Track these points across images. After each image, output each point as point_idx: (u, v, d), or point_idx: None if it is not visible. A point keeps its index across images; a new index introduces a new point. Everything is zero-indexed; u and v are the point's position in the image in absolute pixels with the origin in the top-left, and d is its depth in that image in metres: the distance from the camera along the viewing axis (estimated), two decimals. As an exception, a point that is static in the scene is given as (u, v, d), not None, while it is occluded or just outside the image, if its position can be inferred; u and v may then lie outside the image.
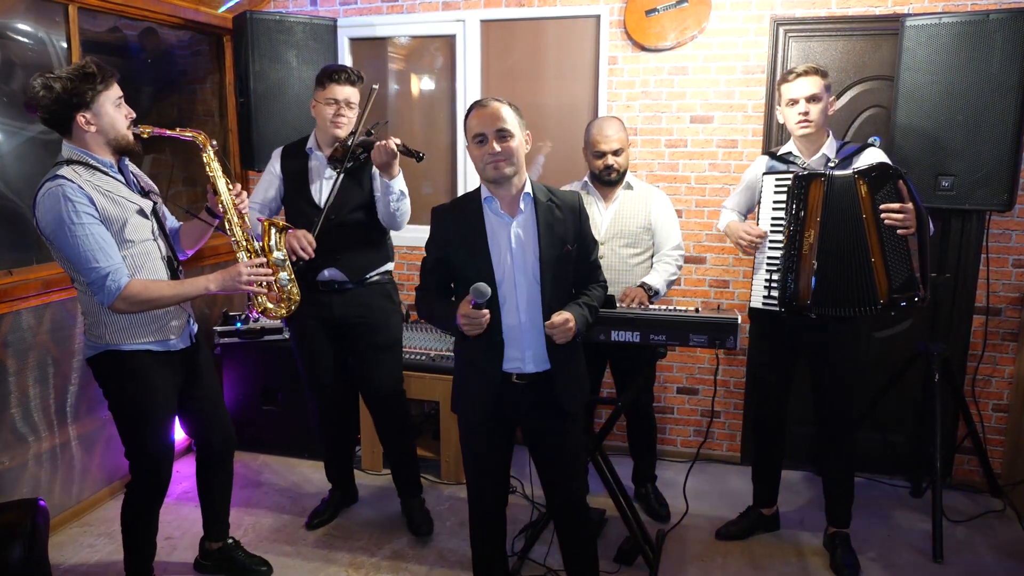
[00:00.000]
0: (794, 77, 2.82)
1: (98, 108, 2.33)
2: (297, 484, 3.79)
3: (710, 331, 2.67)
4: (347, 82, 2.97)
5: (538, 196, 2.29)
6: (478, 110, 2.22)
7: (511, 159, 2.19)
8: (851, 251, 2.71)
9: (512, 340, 2.29)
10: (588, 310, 2.36)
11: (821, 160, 2.87)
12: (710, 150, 3.78)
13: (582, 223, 2.37)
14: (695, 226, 3.85)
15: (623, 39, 3.76)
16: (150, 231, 2.50)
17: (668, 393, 4.05)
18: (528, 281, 2.26)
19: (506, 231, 2.26)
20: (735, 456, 4.03)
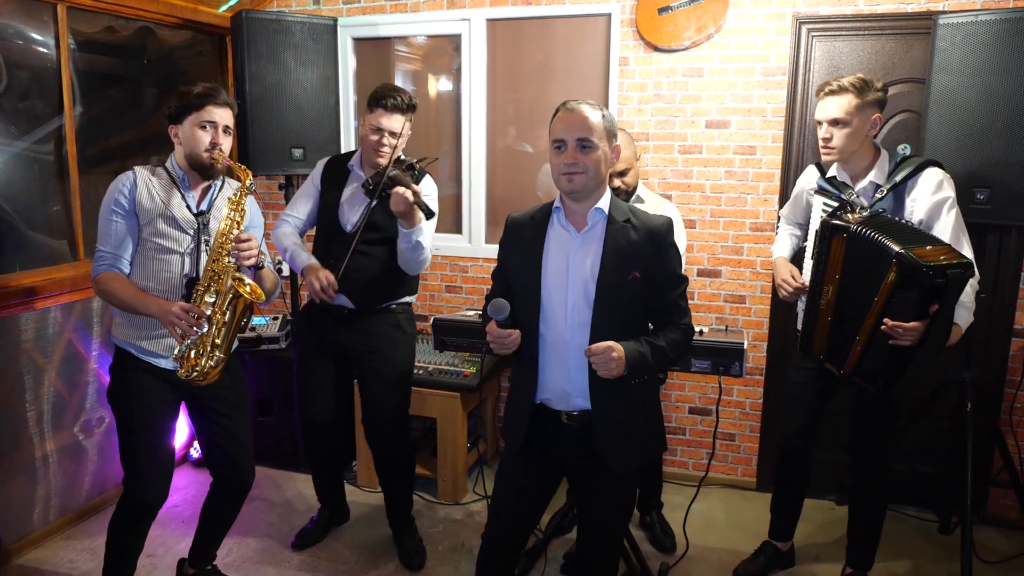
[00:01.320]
0: (822, 95, 2.53)
1: (185, 125, 2.42)
2: (289, 500, 3.66)
3: (713, 356, 2.48)
4: (395, 110, 2.77)
5: (613, 214, 2.04)
6: (564, 113, 2.00)
7: (588, 172, 1.97)
8: (851, 316, 2.43)
9: (556, 365, 2.04)
10: (649, 348, 1.99)
11: (869, 188, 2.54)
12: (727, 157, 3.55)
13: (663, 253, 2.04)
14: (709, 237, 3.63)
15: (635, 39, 3.56)
16: (184, 246, 2.45)
17: (679, 413, 3.84)
18: (580, 303, 2.01)
19: (567, 245, 2.05)
20: (750, 481, 3.80)
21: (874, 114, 2.49)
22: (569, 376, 2.03)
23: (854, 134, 2.48)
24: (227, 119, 2.46)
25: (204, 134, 2.40)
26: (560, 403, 2.06)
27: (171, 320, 2.30)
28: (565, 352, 2.02)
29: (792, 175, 3.46)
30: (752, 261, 3.60)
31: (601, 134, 1.98)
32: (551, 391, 2.06)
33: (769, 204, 3.52)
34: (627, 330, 2.01)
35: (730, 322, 3.68)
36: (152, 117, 4.12)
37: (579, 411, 2.05)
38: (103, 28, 3.61)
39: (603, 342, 1.91)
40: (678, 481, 3.83)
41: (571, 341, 2.01)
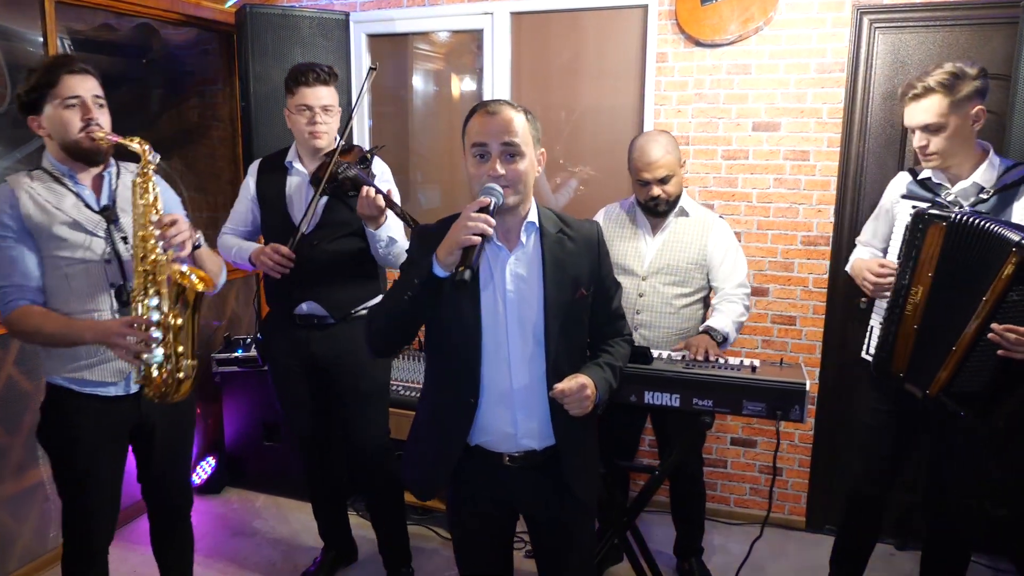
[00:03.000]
0: (908, 99, 2.18)
1: (47, 111, 2.04)
2: (294, 534, 3.39)
3: (770, 398, 2.13)
4: (318, 82, 2.54)
5: (545, 226, 1.82)
6: (483, 115, 1.73)
7: (516, 185, 1.71)
8: (946, 322, 2.09)
9: (500, 408, 1.80)
10: (611, 372, 1.88)
11: (971, 190, 2.20)
12: (776, 163, 3.20)
13: (601, 261, 1.89)
14: (756, 252, 3.27)
15: (674, 32, 3.22)
16: (98, 250, 2.10)
17: (721, 444, 3.49)
18: (526, 333, 1.78)
19: (501, 267, 1.78)
20: (799, 520, 3.44)
21: (974, 107, 2.13)
22: (514, 418, 1.80)
23: (954, 135, 2.14)
24: (93, 88, 2.07)
25: (71, 113, 2.04)
26: (502, 445, 1.83)
27: (115, 342, 1.98)
28: (508, 391, 1.78)
29: (851, 183, 3.10)
30: (804, 278, 3.24)
31: (528, 139, 1.73)
32: (491, 433, 1.82)
33: (823, 215, 3.16)
34: (580, 353, 1.87)
35: (778, 345, 3.32)
36: (158, 120, 3.89)
37: (524, 452, 1.83)
38: (99, 26, 3.37)
39: (571, 379, 1.74)
40: (721, 519, 3.48)
41: (516, 378, 1.78)
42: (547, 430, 1.82)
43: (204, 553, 3.20)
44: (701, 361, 2.33)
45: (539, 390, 1.78)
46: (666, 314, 2.69)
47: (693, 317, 2.73)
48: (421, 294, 1.66)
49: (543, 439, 1.83)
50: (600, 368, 1.85)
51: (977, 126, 2.16)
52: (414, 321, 1.76)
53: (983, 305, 1.98)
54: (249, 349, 3.65)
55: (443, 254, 1.60)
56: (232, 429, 3.75)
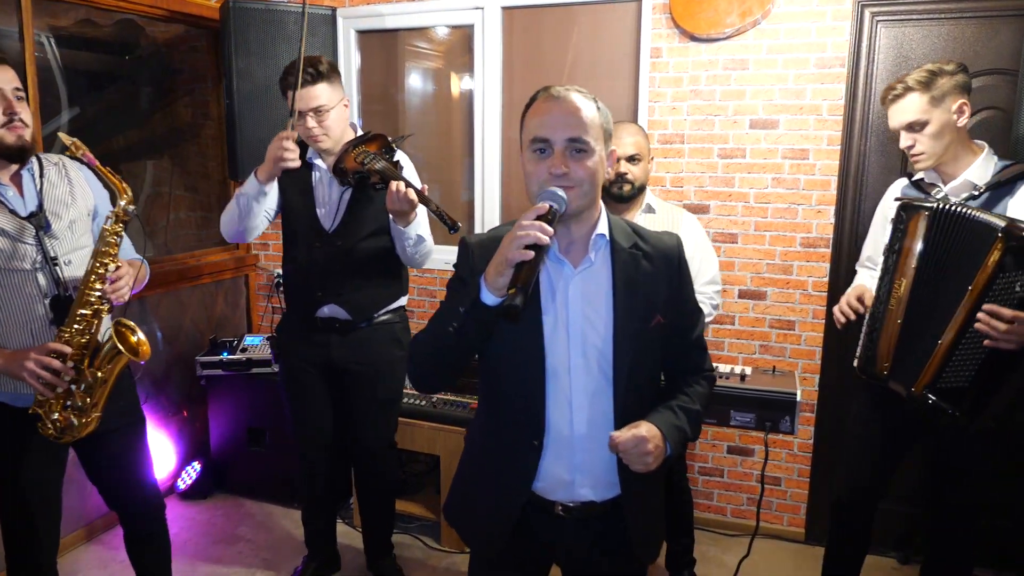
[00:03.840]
0: (889, 103, 2.15)
1: None
2: (278, 541, 3.30)
3: (759, 408, 2.03)
4: (309, 82, 2.39)
5: (617, 239, 1.54)
6: (546, 102, 1.46)
7: (583, 186, 1.43)
8: (930, 314, 2.02)
9: (559, 452, 1.54)
10: (686, 418, 1.56)
11: (963, 187, 2.14)
12: (774, 161, 3.08)
13: (683, 282, 1.60)
14: (753, 254, 3.16)
15: (669, 26, 3.11)
16: (28, 258, 1.99)
17: (717, 453, 3.38)
18: (591, 365, 1.51)
19: (564, 287, 1.51)
20: (798, 532, 3.32)
21: (956, 101, 2.09)
22: (572, 464, 1.54)
23: (939, 132, 2.09)
24: (11, 79, 1.93)
25: None
26: (557, 492, 1.57)
27: (25, 379, 1.89)
28: (568, 432, 1.52)
29: (851, 182, 2.98)
30: (803, 281, 3.12)
31: (598, 133, 1.46)
32: (547, 479, 1.56)
33: (824, 216, 3.05)
34: (653, 392, 1.59)
35: (776, 351, 3.21)
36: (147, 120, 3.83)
37: (581, 503, 1.57)
38: (80, 22, 3.30)
39: (630, 430, 1.43)
40: (716, 529, 3.37)
41: (578, 417, 1.52)
42: (611, 478, 1.55)
43: (185, 560, 3.13)
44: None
45: (604, 432, 1.49)
46: None
47: None
48: (468, 325, 1.40)
49: (604, 490, 1.57)
50: (672, 413, 1.54)
51: (961, 121, 2.10)
52: (463, 356, 1.49)
53: (969, 295, 1.91)
54: (235, 352, 3.57)
55: (492, 275, 1.34)
56: (217, 433, 3.68)
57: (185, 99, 3.98)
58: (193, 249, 3.94)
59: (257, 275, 4.14)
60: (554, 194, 1.38)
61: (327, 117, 2.44)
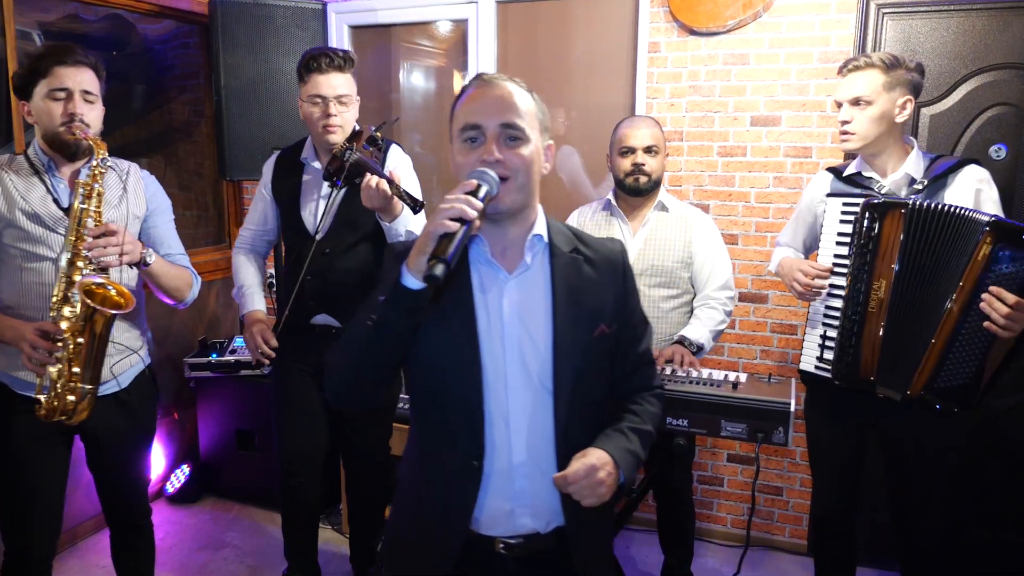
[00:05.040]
0: (845, 71, 2.15)
1: (35, 99, 1.99)
2: (265, 548, 3.23)
3: (751, 419, 1.93)
4: (333, 68, 2.31)
5: (556, 242, 1.42)
6: (479, 88, 1.35)
7: (517, 177, 1.31)
8: (918, 314, 1.97)
9: (498, 477, 1.37)
10: (639, 440, 1.42)
11: (902, 180, 2.13)
12: (776, 160, 2.98)
13: (628, 291, 1.48)
14: (754, 255, 3.06)
15: (667, 20, 3.01)
16: (57, 247, 2.00)
17: (717, 461, 3.27)
18: (531, 379, 1.37)
19: (498, 294, 1.38)
20: (800, 544, 3.21)
21: (903, 96, 2.10)
22: (513, 490, 1.37)
23: (879, 118, 2.09)
24: (85, 83, 1.98)
25: (56, 105, 1.95)
26: (497, 526, 1.40)
27: (22, 348, 1.88)
28: (507, 454, 1.36)
29: (856, 182, 2.87)
30: (805, 284, 3.01)
31: (534, 122, 1.35)
32: (486, 509, 1.39)
33: (827, 217, 2.94)
34: (599, 411, 1.44)
35: (778, 356, 3.10)
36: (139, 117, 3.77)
37: (523, 536, 1.40)
38: (66, 16, 3.24)
39: (582, 460, 1.30)
40: (715, 540, 3.27)
41: (516, 438, 1.36)
42: (554, 507, 1.40)
43: (169, 566, 3.07)
44: (680, 376, 2.13)
45: (547, 456, 1.37)
46: (654, 319, 2.48)
47: (682, 321, 2.55)
48: (389, 315, 1.25)
49: (549, 518, 1.41)
50: (623, 436, 1.40)
51: (901, 117, 2.11)
52: (387, 354, 1.32)
53: (960, 291, 1.88)
54: (224, 353, 3.51)
55: (414, 256, 1.21)
56: (207, 436, 3.61)
57: (178, 97, 3.92)
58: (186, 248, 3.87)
59: (250, 275, 4.07)
60: (483, 173, 1.26)
61: (348, 109, 2.38)
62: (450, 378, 1.37)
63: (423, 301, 1.24)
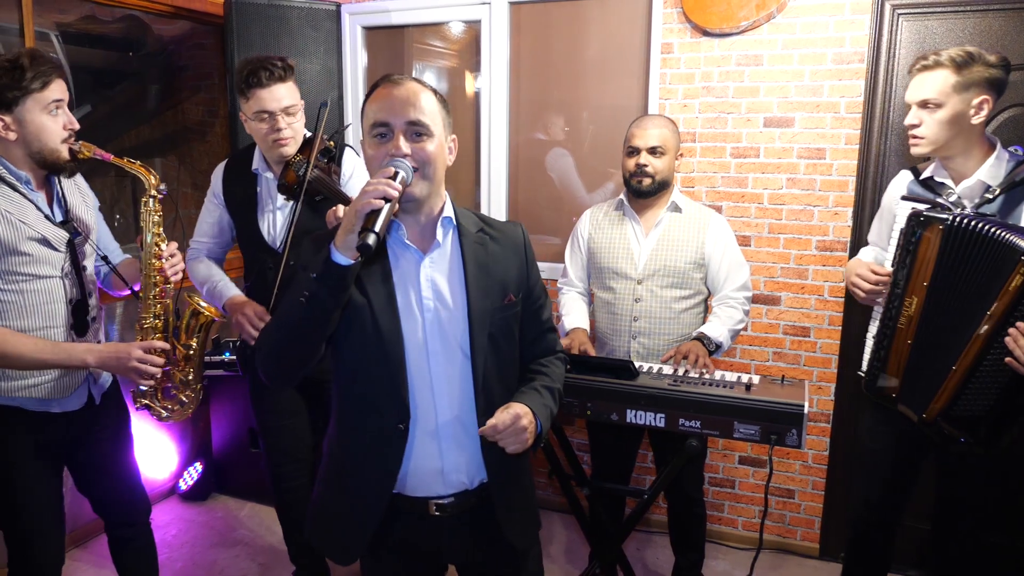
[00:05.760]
0: (915, 71, 2.01)
1: (22, 113, 1.90)
2: (276, 546, 3.24)
3: (764, 420, 1.92)
4: (274, 80, 2.22)
5: (463, 224, 1.58)
6: (386, 87, 1.47)
7: (425, 168, 1.45)
8: (944, 337, 1.89)
9: (425, 438, 1.52)
10: (551, 396, 1.61)
11: (976, 188, 1.99)
12: (789, 161, 2.97)
13: (529, 266, 1.65)
14: (767, 257, 3.04)
15: (680, 21, 3.01)
16: (58, 267, 2.01)
17: (728, 463, 3.26)
18: (450, 347, 1.52)
19: (415, 272, 1.52)
20: (812, 547, 3.19)
21: (979, 96, 1.93)
22: (440, 449, 1.52)
23: (949, 121, 1.94)
24: (66, 92, 1.97)
25: (55, 121, 1.93)
26: (429, 487, 1.54)
27: (134, 368, 1.98)
28: (432, 417, 1.51)
29: (870, 183, 2.85)
30: (819, 286, 3.00)
31: (437, 118, 1.47)
32: (416, 471, 1.53)
33: (841, 218, 2.92)
34: (513, 371, 1.60)
35: (791, 358, 3.08)
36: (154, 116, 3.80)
37: (454, 493, 1.55)
38: (84, 18, 3.28)
39: (506, 412, 1.46)
40: (726, 542, 3.26)
41: (440, 401, 1.51)
42: (478, 461, 1.56)
43: (181, 563, 3.08)
44: (693, 378, 2.12)
45: (469, 414, 1.53)
46: (665, 319, 2.49)
47: (694, 322, 2.54)
48: (319, 291, 1.37)
49: (475, 473, 1.57)
50: (537, 393, 1.59)
51: (978, 118, 1.95)
52: (317, 330, 1.43)
53: (987, 319, 1.77)
54: (235, 352, 3.52)
55: (342, 235, 1.34)
56: (220, 435, 3.63)
57: (193, 97, 3.95)
58: (199, 247, 3.90)
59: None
60: (399, 162, 1.40)
61: (296, 118, 2.30)
62: (374, 351, 1.48)
63: (352, 276, 1.37)
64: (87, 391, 2.11)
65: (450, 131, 1.54)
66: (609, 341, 2.60)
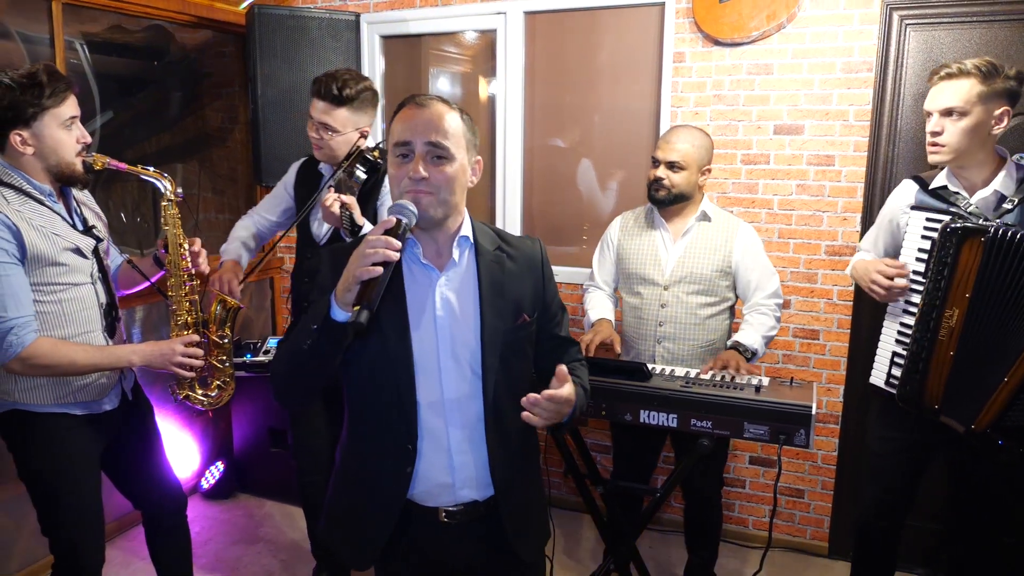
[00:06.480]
0: (937, 79, 2.04)
1: (40, 128, 1.97)
2: (296, 543, 3.33)
3: (773, 420, 1.98)
4: (325, 98, 2.37)
5: (481, 242, 1.59)
6: (410, 109, 1.49)
7: (440, 192, 1.46)
8: (992, 349, 1.92)
9: (436, 455, 1.54)
10: (583, 392, 1.65)
11: (992, 199, 2.04)
12: (799, 168, 3.03)
13: (546, 283, 1.67)
14: (778, 262, 3.10)
15: (692, 31, 3.08)
16: (88, 273, 2.10)
17: (739, 463, 3.32)
18: (462, 365, 1.54)
19: (431, 290, 1.54)
20: (821, 546, 3.25)
21: (1001, 107, 1.99)
22: (450, 464, 1.54)
23: (973, 129, 1.98)
24: (77, 107, 2.05)
25: (69, 135, 2.01)
26: (438, 497, 1.56)
27: (180, 362, 2.11)
28: (443, 434, 1.53)
29: (878, 190, 2.91)
30: (828, 290, 3.06)
31: (460, 141, 1.49)
32: (426, 483, 1.55)
33: (849, 224, 2.98)
34: (523, 390, 1.56)
35: (800, 360, 3.15)
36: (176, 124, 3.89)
37: (464, 504, 1.57)
38: (111, 27, 3.37)
39: (563, 390, 1.47)
40: (736, 541, 3.32)
41: (451, 418, 1.53)
42: (487, 477, 1.58)
43: (204, 560, 3.17)
44: (704, 379, 2.19)
45: (478, 432, 1.55)
46: (691, 325, 2.55)
47: (719, 328, 2.59)
48: (320, 343, 1.39)
49: (485, 488, 1.58)
50: (579, 380, 1.64)
51: (998, 129, 2.00)
52: (320, 372, 1.47)
53: None
54: (258, 353, 3.61)
55: (341, 291, 1.34)
56: (241, 434, 3.72)
57: (214, 104, 4.04)
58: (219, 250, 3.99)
59: (282, 278, 4.18)
60: (403, 207, 1.41)
61: (332, 138, 2.42)
62: (384, 372, 1.52)
63: (349, 332, 1.36)
64: (120, 389, 2.22)
65: (475, 152, 1.55)
66: (635, 345, 2.67)
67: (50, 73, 1.96)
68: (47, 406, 2.06)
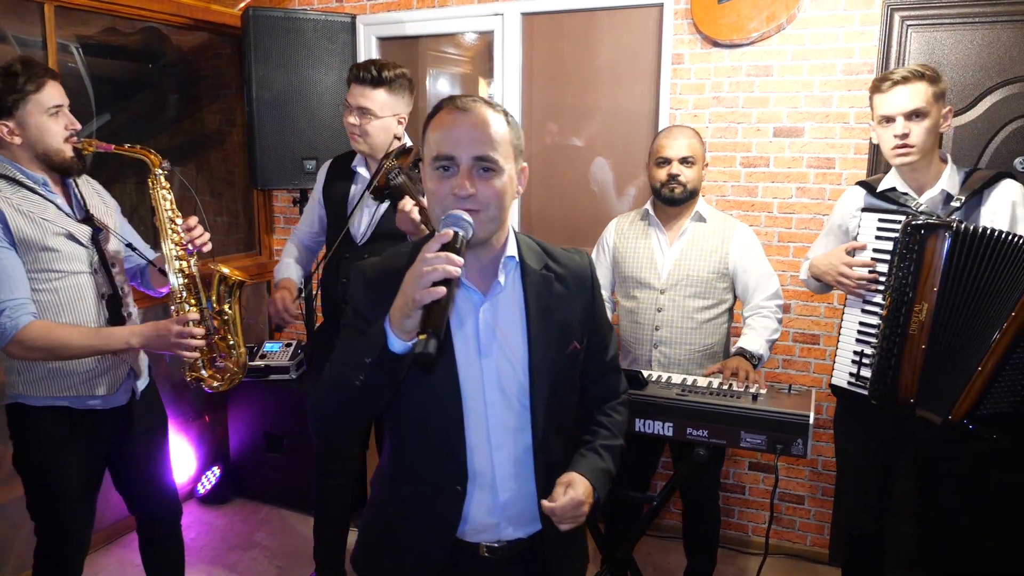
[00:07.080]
0: (889, 85, 2.09)
1: (23, 117, 1.99)
2: (294, 549, 3.30)
3: (770, 430, 1.95)
4: (365, 82, 2.38)
5: (527, 262, 1.44)
6: (451, 112, 1.32)
7: (489, 209, 1.30)
8: (963, 340, 1.95)
9: (483, 494, 1.43)
10: (611, 458, 1.52)
11: (939, 198, 2.11)
12: (799, 170, 2.99)
13: (596, 302, 1.53)
14: (777, 265, 3.07)
15: (690, 32, 3.04)
16: (86, 262, 2.09)
17: (738, 469, 3.29)
18: (509, 398, 1.41)
19: (473, 317, 1.40)
20: (822, 553, 3.22)
21: (945, 107, 2.12)
22: (496, 504, 1.44)
23: (933, 129, 2.08)
24: (63, 95, 2.06)
25: (55, 122, 2.01)
26: (481, 535, 1.47)
27: (177, 343, 2.02)
28: (489, 471, 1.42)
29: (879, 193, 2.88)
30: (827, 295, 3.02)
31: (508, 150, 1.32)
32: (471, 522, 1.45)
33: (850, 227, 2.95)
34: (572, 423, 1.48)
35: (800, 365, 3.11)
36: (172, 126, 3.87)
37: (508, 541, 1.47)
38: (105, 30, 3.35)
39: (568, 497, 1.37)
40: (735, 547, 3.29)
41: (498, 455, 1.42)
42: (533, 513, 1.47)
43: (201, 565, 3.15)
44: (700, 387, 2.16)
45: (525, 467, 1.44)
46: (688, 329, 2.52)
47: (717, 332, 2.56)
48: (375, 377, 1.26)
49: (530, 524, 1.48)
50: (598, 456, 1.49)
51: (944, 127, 2.11)
52: (373, 407, 1.36)
53: (1011, 321, 1.85)
54: (254, 358, 3.59)
55: (397, 318, 1.20)
56: (237, 439, 3.70)
57: (211, 106, 4.02)
58: (217, 255, 3.97)
59: (279, 281, 4.16)
60: (459, 219, 1.25)
61: (370, 122, 2.42)
62: (430, 410, 1.40)
63: (408, 362, 1.25)
64: (130, 387, 2.21)
65: (521, 158, 1.40)
66: (632, 349, 2.64)
67: (25, 63, 1.99)
68: (39, 399, 2.06)
